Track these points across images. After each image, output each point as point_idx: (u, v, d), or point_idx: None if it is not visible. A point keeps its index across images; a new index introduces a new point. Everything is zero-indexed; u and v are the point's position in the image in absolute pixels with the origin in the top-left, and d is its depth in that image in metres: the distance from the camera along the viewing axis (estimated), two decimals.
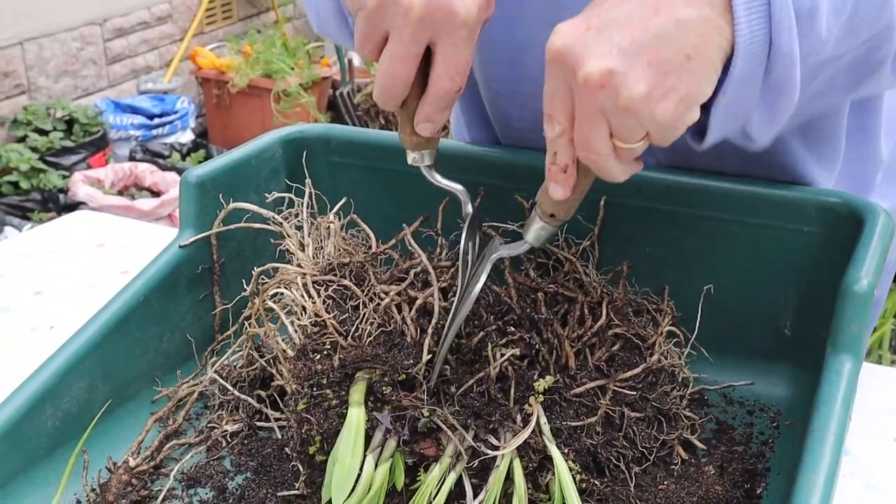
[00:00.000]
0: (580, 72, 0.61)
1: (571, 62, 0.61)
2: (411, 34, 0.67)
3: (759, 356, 0.92)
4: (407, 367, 0.78)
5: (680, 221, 0.92)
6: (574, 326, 0.83)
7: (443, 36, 0.68)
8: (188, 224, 0.96)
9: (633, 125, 0.62)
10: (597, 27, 0.61)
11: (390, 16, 0.68)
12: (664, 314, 0.87)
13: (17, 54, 3.77)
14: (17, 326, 1.16)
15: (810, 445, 0.68)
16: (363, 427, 0.75)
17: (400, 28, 0.68)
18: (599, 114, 0.62)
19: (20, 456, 0.81)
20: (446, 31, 0.67)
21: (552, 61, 0.63)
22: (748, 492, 0.79)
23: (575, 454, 0.76)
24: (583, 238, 0.91)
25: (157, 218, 3.43)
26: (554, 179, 0.70)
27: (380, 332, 0.81)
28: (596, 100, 0.61)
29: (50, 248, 1.37)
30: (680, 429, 0.82)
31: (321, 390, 0.78)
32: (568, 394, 0.79)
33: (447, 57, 0.69)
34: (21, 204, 3.44)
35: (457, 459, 0.74)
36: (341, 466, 0.73)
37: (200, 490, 0.82)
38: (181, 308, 0.95)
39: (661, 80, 0.60)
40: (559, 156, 0.68)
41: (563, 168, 0.68)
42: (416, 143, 0.77)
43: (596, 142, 0.64)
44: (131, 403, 0.90)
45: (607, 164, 0.65)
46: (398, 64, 0.69)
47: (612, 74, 0.60)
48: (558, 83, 0.64)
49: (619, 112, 0.61)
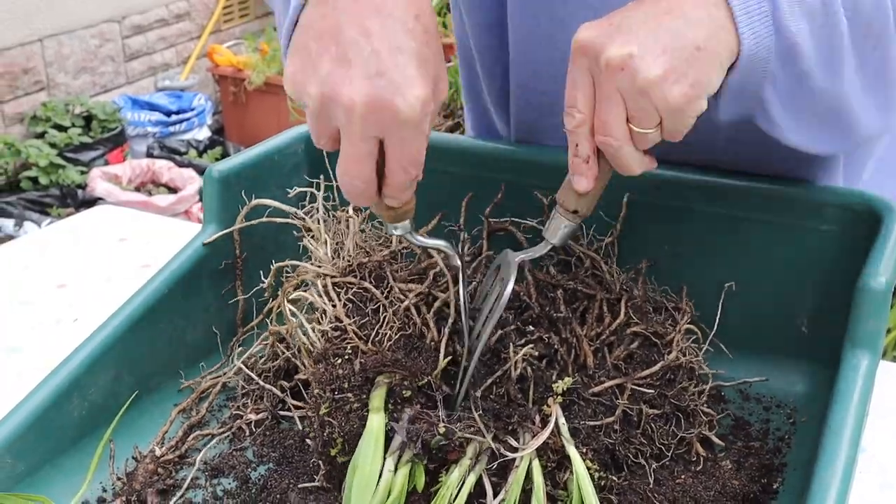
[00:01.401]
0: (603, 56, 0.68)
1: (595, 50, 0.69)
2: (359, 134, 0.65)
3: (776, 353, 0.93)
4: (427, 372, 0.79)
5: (698, 219, 0.92)
6: (593, 324, 0.84)
7: (390, 134, 0.66)
8: (211, 219, 0.97)
9: (649, 107, 0.68)
10: (617, 23, 0.69)
11: (334, 114, 0.66)
12: (683, 313, 0.87)
13: (37, 51, 3.80)
14: (42, 319, 1.18)
15: (827, 442, 0.69)
16: (383, 433, 0.76)
17: (346, 127, 0.66)
18: (618, 95, 0.69)
19: (47, 445, 0.82)
20: (392, 129, 0.65)
21: (577, 52, 0.70)
22: (765, 487, 0.80)
23: (593, 453, 0.77)
24: (604, 236, 0.92)
25: (174, 214, 3.45)
26: (577, 171, 0.74)
27: (399, 335, 0.81)
28: (615, 80, 0.68)
29: (72, 242, 1.39)
30: (698, 425, 0.83)
31: (343, 394, 0.79)
32: (586, 393, 0.80)
33: (396, 152, 0.67)
34: (40, 199, 3.47)
35: (476, 461, 0.75)
36: (361, 473, 0.74)
37: (224, 480, 0.83)
38: (204, 302, 0.97)
39: (675, 66, 0.67)
40: (580, 147, 0.73)
41: (585, 159, 0.73)
42: (392, 217, 0.76)
43: (614, 125, 0.70)
44: (155, 395, 0.92)
45: (623, 149, 0.71)
46: (354, 165, 0.68)
47: (631, 58, 0.67)
48: (581, 72, 0.71)
49: (636, 93, 0.68)
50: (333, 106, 0.65)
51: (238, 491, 0.82)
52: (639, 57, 0.67)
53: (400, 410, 0.77)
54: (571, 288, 0.86)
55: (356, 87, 0.64)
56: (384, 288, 0.85)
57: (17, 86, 3.74)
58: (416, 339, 0.81)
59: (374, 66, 0.64)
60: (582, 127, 0.72)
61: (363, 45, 0.64)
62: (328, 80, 0.65)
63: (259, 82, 4.33)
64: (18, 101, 3.77)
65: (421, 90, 0.64)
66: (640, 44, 0.67)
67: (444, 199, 0.95)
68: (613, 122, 0.70)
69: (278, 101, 4.31)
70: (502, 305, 0.77)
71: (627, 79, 0.67)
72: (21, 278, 1.29)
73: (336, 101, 0.65)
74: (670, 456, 0.81)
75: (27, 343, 1.13)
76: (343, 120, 0.65)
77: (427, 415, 0.76)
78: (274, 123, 4.26)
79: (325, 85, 0.65)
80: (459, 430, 0.75)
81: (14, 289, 1.26)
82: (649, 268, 0.91)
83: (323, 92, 0.65)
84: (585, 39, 0.70)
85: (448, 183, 0.98)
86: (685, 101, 0.68)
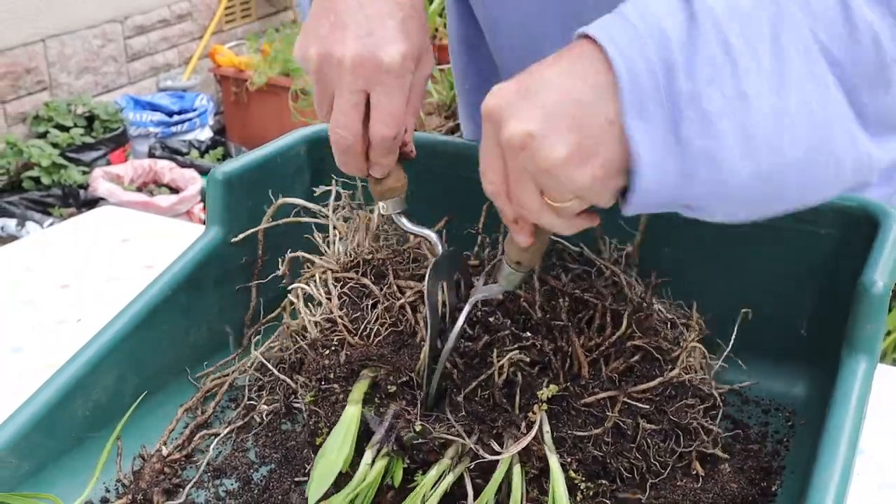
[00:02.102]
0: (503, 132, 0.61)
1: (497, 121, 0.62)
2: (347, 86, 0.74)
3: (775, 356, 0.93)
4: (410, 369, 0.79)
5: (698, 222, 0.92)
6: (591, 335, 0.83)
7: (374, 85, 0.74)
8: (215, 220, 0.98)
9: (557, 186, 0.62)
10: (526, 89, 0.61)
11: (327, 70, 0.75)
12: (692, 329, 0.87)
13: (40, 51, 3.81)
14: (45, 319, 1.19)
15: (825, 444, 0.70)
16: (356, 425, 0.77)
17: (338, 82, 0.75)
18: (524, 172, 0.63)
19: (52, 444, 0.83)
20: (375, 79, 0.74)
21: (485, 119, 0.64)
22: (764, 490, 0.80)
23: (578, 463, 0.77)
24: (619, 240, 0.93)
25: (175, 214, 3.45)
26: (512, 230, 0.71)
27: (390, 331, 0.82)
28: (518, 160, 0.62)
29: (75, 242, 1.39)
30: (698, 441, 0.82)
31: (329, 384, 0.80)
32: (577, 403, 0.79)
33: (379, 104, 0.75)
34: (42, 199, 3.48)
35: (458, 462, 0.75)
36: (325, 461, 0.75)
37: (226, 480, 0.84)
38: (207, 302, 0.97)
39: (581, 146, 0.59)
40: (504, 211, 0.69)
41: (512, 220, 0.70)
42: (380, 192, 0.82)
43: (526, 199, 0.64)
44: (159, 395, 0.92)
45: (542, 219, 0.66)
46: (341, 116, 0.76)
47: (531, 137, 0.60)
48: (490, 141, 0.64)
49: (540, 173, 0.61)
50: (328, 64, 0.74)
51: (240, 491, 0.82)
52: (539, 136, 0.59)
53: (386, 405, 0.78)
54: (578, 296, 0.86)
55: (348, 45, 0.73)
56: (384, 284, 0.86)
57: (19, 85, 3.75)
58: (408, 336, 0.82)
59: (365, 28, 0.74)
60: (498, 196, 0.67)
61: (357, 12, 0.74)
62: (325, 41, 0.74)
63: (261, 83, 4.34)
64: (21, 101, 3.78)
65: (403, 46, 0.74)
66: (543, 119, 0.59)
67: (451, 200, 0.96)
68: (524, 196, 0.64)
69: (280, 101, 4.32)
70: (452, 339, 0.77)
71: (529, 159, 0.61)
72: (24, 278, 1.29)
73: (330, 58, 0.74)
74: (666, 473, 0.80)
75: (30, 343, 1.14)
76: (335, 76, 0.74)
77: (407, 411, 0.77)
78: (276, 124, 4.26)
79: (323, 46, 0.75)
80: (436, 431, 0.75)
81: (17, 289, 1.27)
82: (648, 271, 0.91)
83: (320, 52, 0.75)
84: (491, 107, 0.62)
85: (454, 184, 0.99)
86: (595, 182, 0.60)
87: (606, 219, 0.94)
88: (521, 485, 0.74)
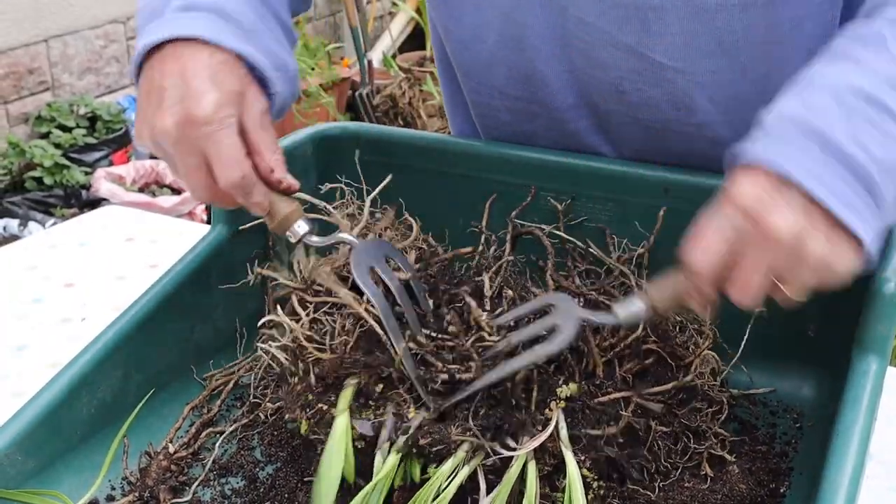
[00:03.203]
0: (768, 224, 0.65)
1: (758, 215, 0.65)
2: (181, 152, 0.75)
3: (783, 357, 0.93)
4: (388, 364, 0.79)
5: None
6: (606, 335, 0.83)
7: (201, 141, 0.75)
8: (219, 219, 0.98)
9: (814, 277, 0.67)
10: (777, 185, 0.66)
11: (164, 147, 0.76)
12: (705, 336, 0.86)
13: (42, 51, 3.81)
14: (49, 317, 1.19)
15: (836, 446, 0.69)
16: (346, 434, 0.76)
17: (173, 153, 0.76)
18: (772, 267, 0.67)
19: (57, 442, 0.82)
20: (199, 135, 0.74)
21: (730, 205, 0.67)
22: (772, 491, 0.80)
23: (592, 462, 0.76)
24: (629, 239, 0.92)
25: (177, 215, 3.45)
26: (691, 301, 0.72)
27: (358, 335, 0.81)
28: (777, 254, 0.66)
29: (80, 241, 1.39)
30: (708, 443, 0.82)
31: (312, 409, 0.79)
32: (591, 402, 0.79)
33: (213, 155, 0.75)
34: (44, 199, 3.47)
35: (472, 456, 0.75)
36: (325, 481, 0.75)
37: (232, 479, 0.83)
38: (212, 301, 0.97)
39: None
40: (699, 291, 0.70)
41: (701, 301, 0.71)
42: (277, 226, 0.81)
43: (754, 282, 0.67)
44: (164, 393, 0.92)
45: (758, 295, 0.68)
46: (192, 180, 0.77)
47: (804, 230, 0.65)
48: (726, 222, 0.68)
49: (809, 265, 0.66)
50: (161, 140, 0.75)
51: (246, 490, 0.82)
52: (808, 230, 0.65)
53: (383, 406, 0.78)
54: (593, 299, 0.85)
55: (166, 116, 0.74)
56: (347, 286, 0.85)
57: (22, 86, 3.75)
58: (375, 335, 0.81)
59: (176, 96, 0.74)
60: (705, 277, 0.69)
61: (173, 86, 0.75)
62: (151, 121, 0.75)
63: None
64: (23, 102, 3.77)
65: (213, 95, 0.74)
66: (805, 212, 0.65)
67: (455, 201, 0.96)
68: (754, 279, 0.67)
69: None
70: (542, 355, 0.76)
71: (794, 251, 0.65)
72: (28, 277, 1.29)
73: (159, 135, 0.75)
74: (677, 475, 0.80)
75: (34, 342, 1.13)
76: (169, 148, 0.76)
77: (400, 407, 0.77)
78: (278, 125, 4.21)
79: (150, 127, 0.76)
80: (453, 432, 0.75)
81: (21, 288, 1.26)
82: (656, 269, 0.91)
83: (150, 134, 0.76)
84: (748, 195, 0.66)
85: (458, 185, 0.98)
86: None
87: (616, 218, 0.95)
88: (535, 481, 0.74)
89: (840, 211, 0.64)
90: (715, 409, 0.84)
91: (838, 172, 0.65)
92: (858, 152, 0.65)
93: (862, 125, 0.66)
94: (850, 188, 0.65)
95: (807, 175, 0.65)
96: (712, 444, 0.82)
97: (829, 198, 0.64)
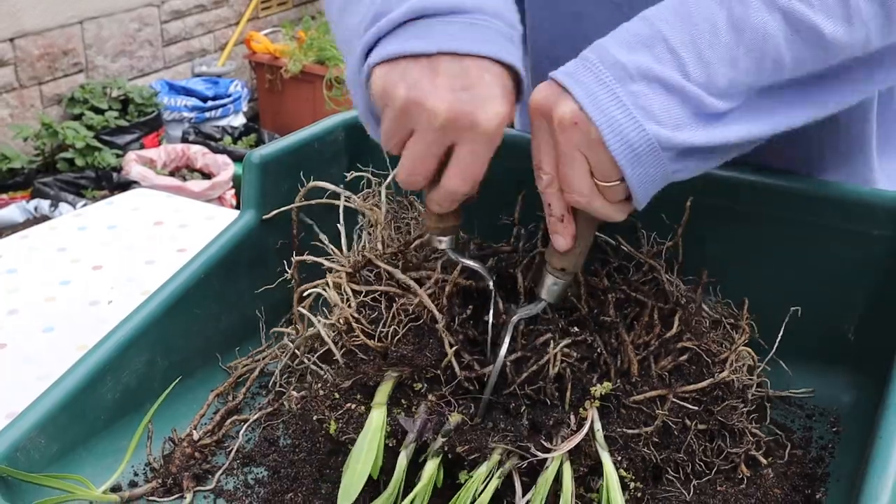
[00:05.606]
0: (555, 114, 0.67)
1: (547, 109, 0.68)
2: (434, 138, 0.69)
3: (821, 359, 0.90)
4: (433, 366, 0.78)
5: (743, 219, 0.90)
6: (641, 332, 0.81)
7: (462, 142, 0.69)
8: (250, 204, 0.97)
9: (607, 160, 0.67)
10: (564, 84, 0.68)
11: (415, 117, 0.68)
12: (742, 332, 0.84)
13: (77, 33, 3.83)
14: (77, 299, 1.18)
15: (876, 453, 0.67)
16: (381, 429, 0.75)
17: (423, 131, 0.69)
18: (576, 152, 0.68)
19: (81, 427, 0.82)
20: (466, 138, 0.69)
21: (534, 113, 0.70)
22: (808, 497, 0.78)
23: (629, 462, 0.75)
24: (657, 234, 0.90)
25: (207, 200, 3.46)
26: (555, 230, 0.74)
27: (408, 327, 0.80)
28: (571, 137, 0.67)
29: (109, 224, 1.39)
30: (745, 444, 0.80)
31: (340, 409, 0.78)
32: (627, 401, 0.78)
33: (462, 162, 0.70)
34: (75, 181, 3.49)
35: (506, 458, 0.74)
36: (351, 472, 0.74)
37: (255, 469, 0.82)
38: (240, 287, 0.96)
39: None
40: (553, 206, 0.72)
41: (559, 217, 0.73)
42: (438, 228, 0.79)
43: (577, 181, 0.69)
44: (189, 380, 0.91)
45: (593, 203, 0.70)
46: (419, 163, 0.71)
47: (581, 111, 0.66)
48: (541, 132, 0.70)
49: (592, 144, 0.66)
50: (417, 111, 0.68)
51: (269, 480, 0.81)
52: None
53: (417, 404, 0.77)
54: (624, 294, 0.83)
55: (441, 97, 0.67)
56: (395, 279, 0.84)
57: (56, 67, 3.77)
58: (429, 330, 0.80)
59: (461, 81, 0.67)
60: (550, 186, 0.71)
61: (455, 71, 0.67)
62: (417, 85, 0.67)
63: (295, 70, 4.33)
64: (57, 83, 3.80)
65: (502, 107, 0.68)
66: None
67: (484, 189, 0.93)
68: (577, 179, 0.69)
69: (314, 89, 4.31)
70: (497, 367, 0.77)
71: (581, 132, 0.66)
72: (57, 259, 1.29)
73: (421, 105, 0.67)
74: (712, 473, 0.78)
75: (62, 324, 1.13)
76: (423, 125, 0.68)
77: (440, 406, 0.76)
78: (309, 112, 4.25)
79: (413, 90, 0.67)
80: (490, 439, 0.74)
81: (50, 269, 1.26)
82: (688, 268, 0.89)
83: (410, 97, 0.67)
84: (539, 100, 0.69)
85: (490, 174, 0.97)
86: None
87: (647, 213, 0.92)
88: (571, 483, 0.72)
89: (563, 79, 0.67)
90: (751, 409, 0.82)
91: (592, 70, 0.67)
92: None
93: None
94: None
95: (565, 76, 0.68)
96: (749, 446, 0.79)
97: (566, 79, 0.67)
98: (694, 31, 0.67)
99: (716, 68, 0.67)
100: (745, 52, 0.67)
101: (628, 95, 0.66)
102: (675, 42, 0.67)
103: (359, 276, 0.86)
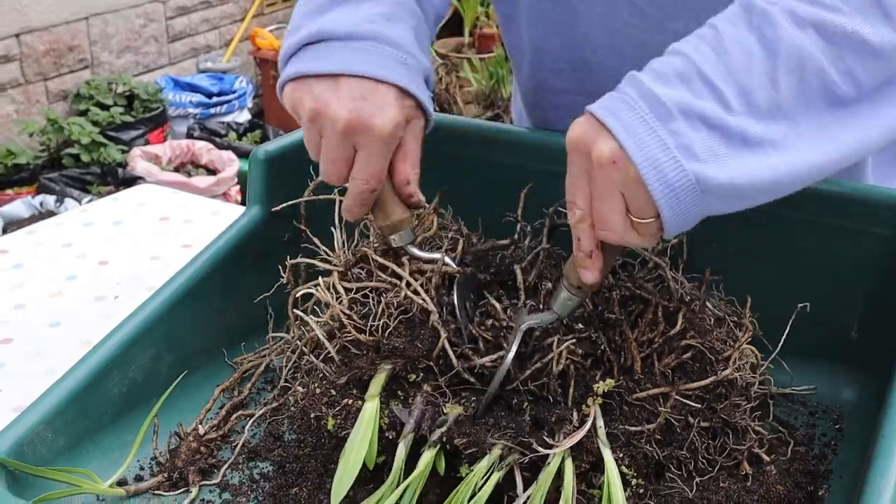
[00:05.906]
0: (594, 151, 0.66)
1: (585, 145, 0.67)
2: (337, 142, 0.78)
3: (824, 357, 0.91)
4: (427, 358, 0.79)
5: (745, 217, 0.90)
6: (645, 329, 0.81)
7: (361, 146, 0.79)
8: (255, 200, 0.97)
9: (644, 198, 0.66)
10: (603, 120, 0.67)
11: (320, 124, 0.79)
12: (745, 329, 0.84)
13: (83, 29, 3.83)
14: (83, 294, 1.19)
15: (879, 450, 0.67)
16: (374, 420, 0.76)
17: (329, 136, 0.79)
18: (613, 189, 0.67)
19: (87, 421, 0.82)
20: (364, 142, 0.78)
21: (571, 149, 0.69)
22: (810, 494, 0.78)
23: (630, 459, 0.75)
24: None
25: (212, 196, 3.46)
26: (582, 265, 0.74)
27: (398, 320, 0.81)
28: (609, 176, 0.66)
29: (115, 219, 1.39)
30: (748, 441, 0.80)
31: (334, 407, 0.79)
32: (630, 398, 0.78)
33: (362, 163, 0.79)
34: (81, 176, 3.50)
35: (508, 452, 0.74)
36: (346, 462, 0.74)
37: (261, 463, 0.83)
38: (245, 283, 0.96)
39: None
40: (583, 241, 0.72)
41: (588, 254, 0.73)
42: (386, 227, 0.84)
43: (613, 218, 0.68)
44: (195, 375, 0.92)
45: (626, 238, 0.70)
46: (331, 165, 0.80)
47: (621, 149, 0.65)
48: (576, 168, 0.69)
49: (629, 183, 0.65)
50: (322, 119, 0.78)
51: (275, 475, 0.81)
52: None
53: (414, 396, 0.77)
54: (629, 291, 0.84)
55: (343, 105, 0.77)
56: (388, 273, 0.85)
57: (62, 63, 3.77)
58: (420, 321, 0.81)
59: (360, 92, 0.78)
60: (583, 222, 0.71)
61: (352, 79, 0.78)
62: (321, 97, 0.78)
63: None
64: (63, 79, 3.80)
65: (395, 113, 0.78)
66: (628, 134, 0.65)
67: (488, 187, 0.94)
68: (612, 216, 0.68)
69: None
70: (503, 371, 0.77)
71: (619, 171, 0.65)
72: (63, 254, 1.29)
73: (325, 114, 0.78)
74: (715, 471, 0.79)
75: (68, 319, 1.14)
76: (328, 129, 0.78)
77: (434, 397, 0.77)
78: None
79: (318, 101, 0.78)
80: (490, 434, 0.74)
81: (56, 265, 1.27)
82: (694, 266, 0.89)
83: (315, 106, 0.78)
84: (577, 135, 0.68)
85: (493, 170, 0.97)
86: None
87: None
88: (572, 479, 0.72)
89: (604, 118, 0.66)
90: (753, 406, 0.83)
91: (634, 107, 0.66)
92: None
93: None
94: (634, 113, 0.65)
95: (604, 112, 0.66)
96: (751, 443, 0.80)
97: (606, 116, 0.66)
98: (728, 59, 0.65)
99: (756, 93, 0.65)
100: (785, 73, 0.65)
101: (669, 134, 0.64)
102: (712, 74, 0.65)
103: (350, 275, 0.87)
